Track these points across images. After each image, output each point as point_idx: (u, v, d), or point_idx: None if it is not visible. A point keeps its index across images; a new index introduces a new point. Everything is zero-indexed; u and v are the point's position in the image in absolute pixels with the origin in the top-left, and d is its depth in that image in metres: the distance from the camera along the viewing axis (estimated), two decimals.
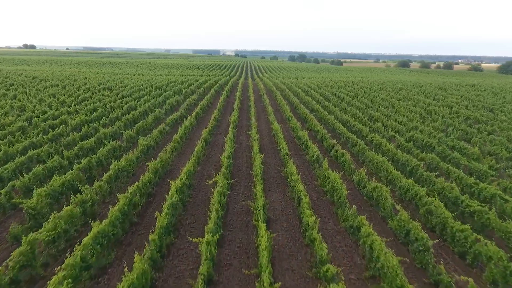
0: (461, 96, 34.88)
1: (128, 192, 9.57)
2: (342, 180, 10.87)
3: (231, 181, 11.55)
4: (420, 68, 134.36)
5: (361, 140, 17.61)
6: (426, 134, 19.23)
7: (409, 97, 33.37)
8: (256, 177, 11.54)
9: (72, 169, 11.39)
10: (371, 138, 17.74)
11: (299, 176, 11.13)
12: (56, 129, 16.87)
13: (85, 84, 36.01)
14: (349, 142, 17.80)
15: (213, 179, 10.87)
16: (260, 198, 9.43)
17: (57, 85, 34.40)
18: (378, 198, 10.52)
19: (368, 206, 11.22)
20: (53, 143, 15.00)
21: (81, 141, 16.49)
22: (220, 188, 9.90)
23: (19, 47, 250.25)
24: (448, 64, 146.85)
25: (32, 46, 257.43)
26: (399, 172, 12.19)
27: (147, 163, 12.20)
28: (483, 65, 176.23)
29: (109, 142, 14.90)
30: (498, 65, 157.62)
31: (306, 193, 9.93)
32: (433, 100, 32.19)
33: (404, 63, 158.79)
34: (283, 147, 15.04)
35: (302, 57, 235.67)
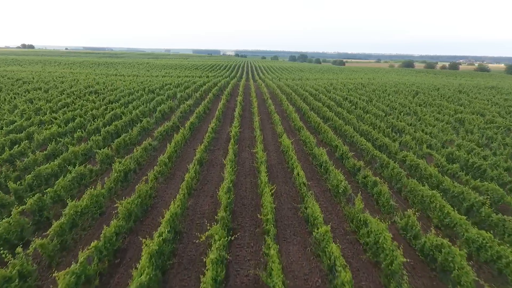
0: (488, 101, 31.49)
1: (77, 263, 6.32)
2: (392, 235, 7.55)
3: (232, 238, 8.25)
4: (426, 69, 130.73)
5: (393, 161, 14.34)
6: (467, 151, 15.94)
7: (430, 102, 30.00)
8: (267, 225, 8.27)
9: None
10: (403, 157, 14.46)
11: (329, 227, 7.82)
12: (15, 147, 13.59)
13: (71, 87, 32.74)
14: (376, 161, 14.53)
15: (206, 233, 7.58)
16: (278, 274, 6.14)
17: (40, 89, 31.15)
18: (447, 264, 7.23)
19: (427, 270, 7.92)
20: (4, 168, 11.76)
21: (47, 162, 13.28)
22: (215, 254, 6.62)
23: (18, 47, 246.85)
24: (454, 64, 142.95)
25: (31, 46, 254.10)
26: (464, 216, 8.84)
27: (117, 203, 8.92)
28: (489, 65, 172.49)
29: (75, 166, 11.59)
30: (502, 64, 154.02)
31: (344, 261, 6.65)
32: (459, 106, 28.81)
33: (408, 63, 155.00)
34: (298, 173, 11.75)
35: (303, 57, 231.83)
